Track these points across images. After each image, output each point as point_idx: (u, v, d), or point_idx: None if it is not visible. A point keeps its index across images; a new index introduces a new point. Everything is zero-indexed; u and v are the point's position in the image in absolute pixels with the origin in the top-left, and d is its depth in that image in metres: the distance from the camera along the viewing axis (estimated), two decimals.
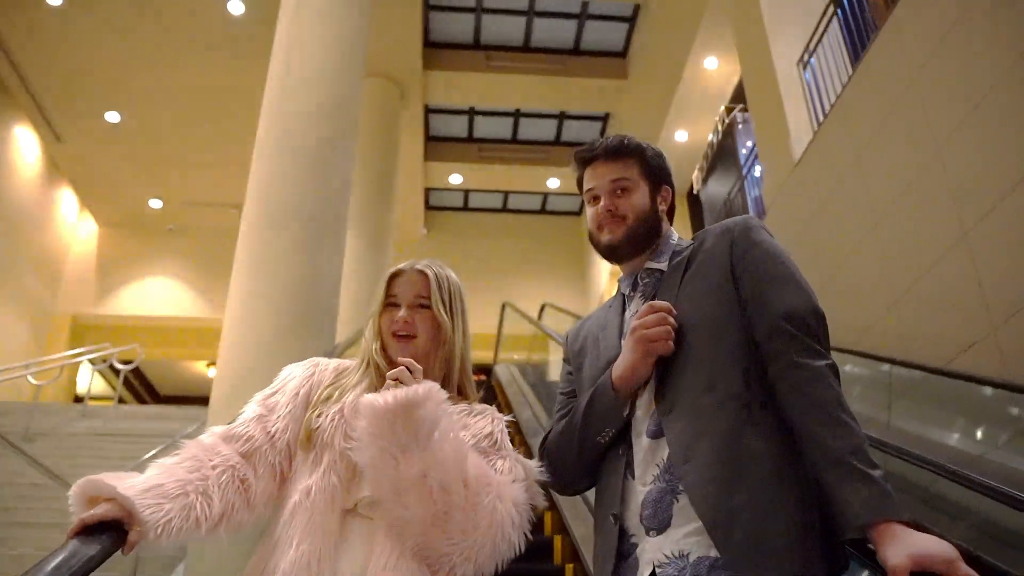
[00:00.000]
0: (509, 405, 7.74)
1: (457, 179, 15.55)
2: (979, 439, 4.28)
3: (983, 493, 2.80)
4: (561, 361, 1.86)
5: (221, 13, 10.89)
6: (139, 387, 17.47)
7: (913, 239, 5.02)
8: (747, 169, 9.83)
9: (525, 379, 8.86)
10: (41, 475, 5.68)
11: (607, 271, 14.38)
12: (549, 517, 4.61)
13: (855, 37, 6.31)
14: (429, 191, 16.12)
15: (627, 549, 1.44)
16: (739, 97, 10.54)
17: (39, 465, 5.57)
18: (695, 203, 12.87)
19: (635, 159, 1.65)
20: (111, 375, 12.62)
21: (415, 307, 1.66)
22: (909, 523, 1.18)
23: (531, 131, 14.87)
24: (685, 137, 12.42)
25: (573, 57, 13.17)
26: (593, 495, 1.62)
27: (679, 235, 1.70)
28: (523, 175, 15.30)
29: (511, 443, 1.62)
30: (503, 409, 1.73)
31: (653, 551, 1.37)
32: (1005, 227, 4.13)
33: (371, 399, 1.43)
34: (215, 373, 5.32)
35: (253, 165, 5.72)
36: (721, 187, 10.98)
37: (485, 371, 10.38)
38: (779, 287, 1.44)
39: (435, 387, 1.45)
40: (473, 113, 14.35)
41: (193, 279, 15.13)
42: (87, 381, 11.62)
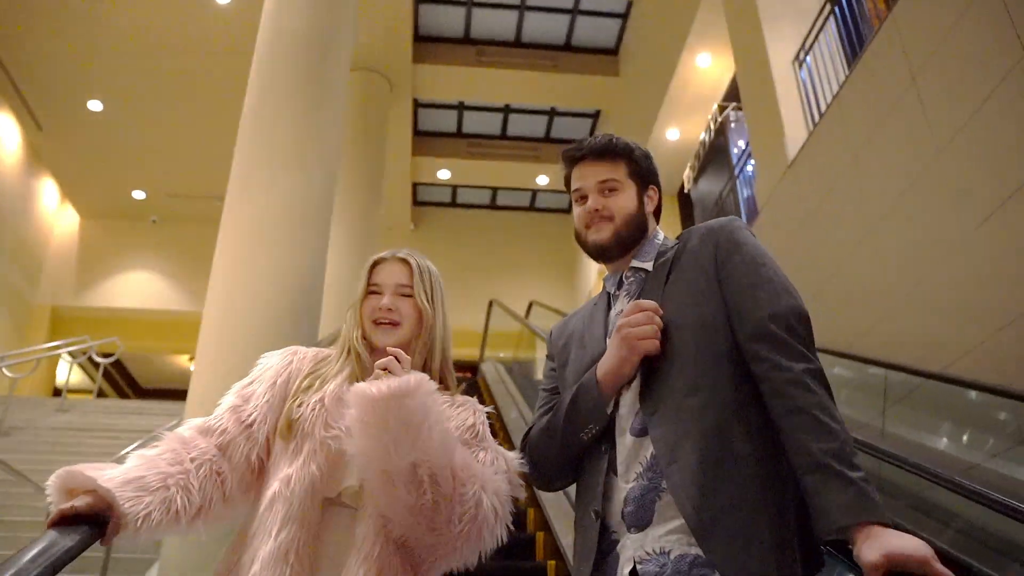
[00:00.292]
0: (496, 404, 7.68)
1: (445, 174, 15.44)
2: (976, 446, 4.21)
3: (977, 501, 2.75)
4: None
5: (207, 2, 10.72)
6: (120, 381, 17.27)
7: (911, 242, 4.94)
8: (739, 169, 9.75)
9: (512, 378, 8.81)
10: (5, 472, 5.53)
11: (595, 270, 14.30)
12: (532, 514, 4.63)
13: (852, 35, 6.22)
14: (417, 186, 16.00)
15: (608, 546, 1.46)
16: (732, 95, 10.47)
17: (2, 463, 5.42)
18: (686, 202, 12.77)
19: (623, 159, 1.67)
20: (91, 368, 12.41)
21: (397, 295, 1.67)
22: (888, 524, 1.19)
23: (521, 127, 14.77)
24: (676, 135, 12.33)
25: (564, 53, 13.08)
26: (575, 491, 1.63)
27: (665, 235, 1.71)
28: (512, 171, 15.20)
29: (494, 438, 1.64)
30: (490, 408, 1.73)
31: (634, 548, 1.39)
32: (1006, 231, 4.05)
33: (362, 388, 1.42)
34: (193, 368, 5.21)
35: (235, 156, 5.62)
36: (713, 186, 10.89)
37: (471, 369, 10.32)
38: (763, 289, 1.46)
39: (425, 377, 1.45)
40: (463, 108, 14.23)
41: (176, 272, 14.92)
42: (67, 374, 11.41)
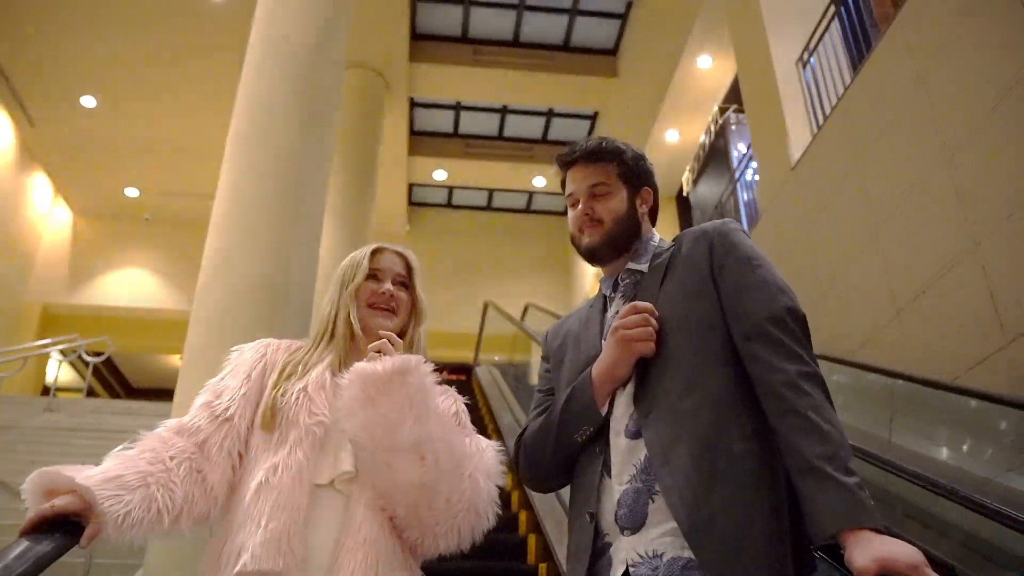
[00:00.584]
0: (490, 409, 7.57)
1: (441, 175, 15.33)
2: (987, 460, 4.09)
3: (986, 515, 2.64)
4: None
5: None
6: (112, 380, 17.11)
7: (919, 248, 4.81)
8: (740, 172, 9.63)
9: (507, 382, 8.71)
10: None
11: (592, 272, 14.20)
12: (524, 516, 4.65)
13: (858, 35, 6.10)
14: (412, 187, 15.87)
15: (601, 548, 1.45)
16: (733, 97, 10.36)
17: None
18: (685, 205, 12.65)
19: (614, 162, 1.66)
20: (82, 367, 12.27)
21: (397, 284, 1.71)
22: (881, 530, 1.19)
23: (518, 128, 14.67)
24: (676, 137, 12.18)
25: (562, 53, 12.96)
26: (568, 494, 1.64)
27: (661, 237, 1.71)
28: (508, 173, 15.11)
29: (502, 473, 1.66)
30: (483, 413, 1.70)
31: (627, 550, 1.38)
32: (1020, 239, 3.92)
33: (364, 366, 1.47)
34: (180, 369, 5.08)
35: (226, 154, 5.54)
36: (713, 190, 10.76)
37: (465, 371, 10.20)
38: (758, 289, 1.46)
39: (422, 359, 1.50)
40: (459, 108, 14.12)
41: (169, 270, 14.75)
42: (60, 373, 11.25)
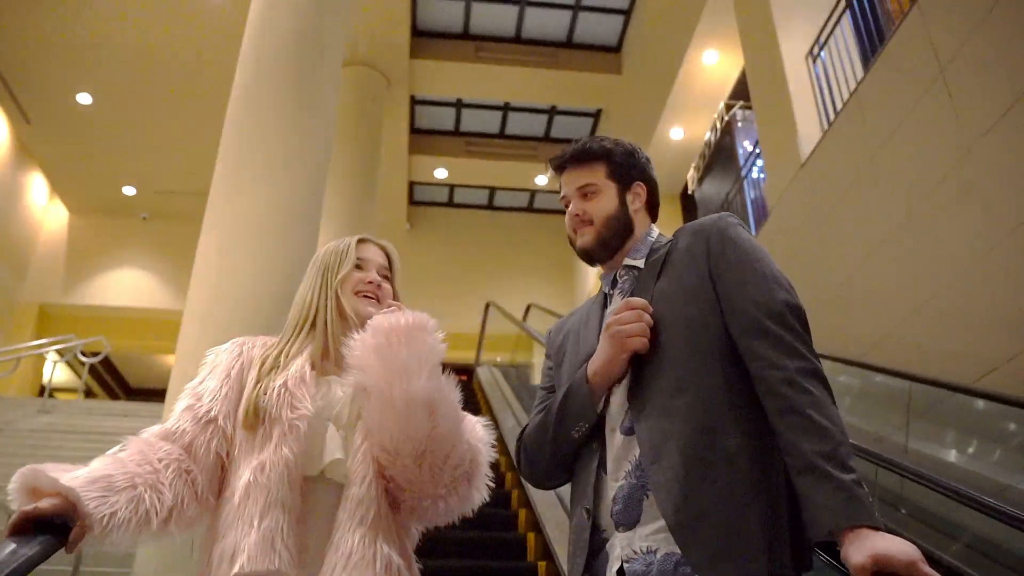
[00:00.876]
0: (491, 411, 7.43)
1: (442, 173, 15.18)
2: (1008, 466, 3.94)
3: (1008, 523, 2.57)
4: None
5: None
6: (110, 380, 16.97)
7: (936, 247, 4.65)
8: (746, 170, 9.46)
9: (509, 383, 8.59)
10: None
11: (594, 272, 14.03)
12: (523, 515, 4.68)
13: (871, 28, 5.94)
14: (413, 185, 15.72)
15: (598, 544, 1.46)
16: (739, 93, 10.20)
17: None
18: (690, 204, 12.48)
19: (601, 162, 1.66)
20: (79, 367, 12.15)
21: (382, 276, 1.72)
22: (878, 527, 1.17)
23: (520, 126, 14.51)
24: (681, 135, 12.00)
25: (565, 49, 12.80)
26: (569, 492, 1.64)
27: (660, 232, 1.70)
28: (510, 171, 14.94)
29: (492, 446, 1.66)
30: (485, 413, 1.64)
31: (622, 546, 1.39)
32: None
33: (387, 316, 1.51)
34: (173, 371, 4.93)
35: (220, 151, 5.40)
36: (718, 188, 10.60)
37: (467, 372, 10.07)
38: (756, 284, 1.44)
39: (437, 321, 1.54)
40: (461, 105, 13.96)
41: (167, 270, 14.58)
42: (58, 373, 11.11)
